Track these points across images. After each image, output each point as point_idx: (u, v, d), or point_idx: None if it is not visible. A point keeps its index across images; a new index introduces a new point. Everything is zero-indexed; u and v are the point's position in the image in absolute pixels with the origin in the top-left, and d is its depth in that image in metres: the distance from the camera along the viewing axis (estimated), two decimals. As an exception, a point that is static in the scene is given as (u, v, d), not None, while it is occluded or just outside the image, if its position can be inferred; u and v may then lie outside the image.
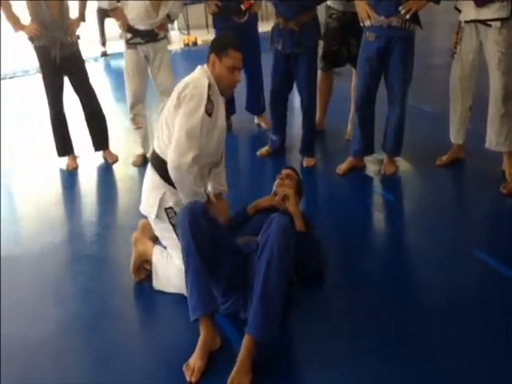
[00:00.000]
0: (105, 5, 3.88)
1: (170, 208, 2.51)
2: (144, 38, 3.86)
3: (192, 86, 2.41)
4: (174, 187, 2.49)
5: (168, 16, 3.92)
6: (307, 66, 3.68)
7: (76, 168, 4.17)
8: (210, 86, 2.43)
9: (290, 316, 2.35)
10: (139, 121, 4.10)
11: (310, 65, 3.70)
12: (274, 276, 2.07)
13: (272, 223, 2.15)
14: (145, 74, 4.02)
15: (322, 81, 4.27)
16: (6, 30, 3.95)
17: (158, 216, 2.53)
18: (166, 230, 2.55)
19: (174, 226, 2.50)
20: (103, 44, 8.12)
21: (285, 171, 2.97)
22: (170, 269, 2.57)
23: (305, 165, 3.89)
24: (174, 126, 2.41)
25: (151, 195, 2.56)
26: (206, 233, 2.19)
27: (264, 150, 4.12)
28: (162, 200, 2.51)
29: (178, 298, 2.50)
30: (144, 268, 2.73)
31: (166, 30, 4.04)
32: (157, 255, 2.63)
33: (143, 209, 2.64)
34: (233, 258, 2.31)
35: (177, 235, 2.50)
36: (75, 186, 3.99)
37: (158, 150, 2.53)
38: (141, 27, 3.82)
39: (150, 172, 2.59)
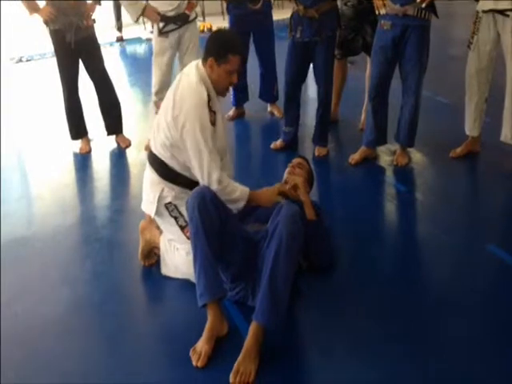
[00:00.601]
0: (134, 17, 3.84)
1: (169, 203, 2.53)
2: (177, 22, 3.83)
3: (191, 100, 2.34)
4: (172, 182, 2.52)
5: None
6: (325, 56, 3.64)
7: (89, 151, 4.19)
8: (208, 94, 2.39)
9: (297, 304, 2.36)
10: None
11: (328, 54, 3.66)
12: (282, 264, 2.08)
13: (281, 211, 2.15)
14: (173, 59, 4.01)
15: (336, 70, 4.22)
16: (22, 12, 3.94)
17: (158, 213, 2.56)
18: (168, 223, 2.57)
19: (175, 218, 2.53)
20: (119, 29, 8.10)
21: (296, 160, 2.96)
22: (177, 258, 2.59)
23: (317, 154, 3.87)
24: (171, 135, 2.39)
25: (150, 193, 2.58)
26: (214, 218, 2.19)
27: (278, 142, 4.04)
28: (160, 197, 2.53)
29: (186, 282, 2.52)
30: (154, 253, 2.75)
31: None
32: (164, 243, 2.65)
33: (144, 206, 2.66)
34: (241, 245, 2.32)
35: (179, 227, 2.53)
36: (88, 170, 4.01)
37: (154, 150, 2.55)
38: (171, 13, 3.79)
39: (148, 170, 2.61)
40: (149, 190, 2.60)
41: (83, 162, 4.09)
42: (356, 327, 2.27)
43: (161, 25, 3.82)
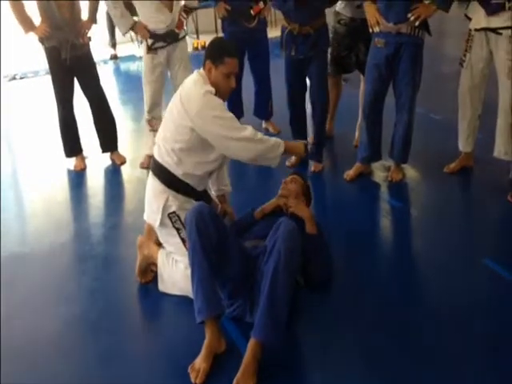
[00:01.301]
0: (123, 30, 3.90)
1: (173, 213, 2.55)
2: (166, 40, 3.85)
3: (199, 94, 2.41)
4: (176, 191, 2.55)
5: (185, 8, 3.91)
6: (320, 70, 3.67)
7: (84, 169, 4.19)
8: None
9: (295, 320, 2.35)
10: (155, 123, 4.09)
11: (322, 69, 3.70)
12: (280, 280, 2.08)
13: (279, 227, 2.16)
14: (163, 77, 4.02)
15: (330, 87, 4.26)
16: (17, 30, 3.94)
17: (161, 223, 2.56)
18: (170, 235, 2.57)
19: (177, 229, 2.54)
20: (113, 46, 8.13)
21: (290, 176, 2.98)
22: (175, 272, 2.58)
23: (312, 169, 3.87)
24: (182, 136, 2.46)
25: (154, 202, 2.59)
26: (212, 234, 2.19)
27: (293, 159, 3.97)
28: (165, 206, 2.55)
29: (183, 299, 2.51)
30: (151, 270, 2.73)
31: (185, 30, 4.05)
32: (162, 259, 2.64)
33: (147, 217, 2.67)
34: (239, 261, 2.32)
35: (181, 239, 2.53)
36: (82, 187, 3.99)
37: (159, 159, 2.57)
38: (161, 31, 3.81)
39: (152, 180, 2.63)
40: (152, 200, 2.61)
41: (78, 179, 4.09)
42: (354, 342, 2.27)
43: (149, 41, 3.85)
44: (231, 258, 2.29)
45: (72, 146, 4.19)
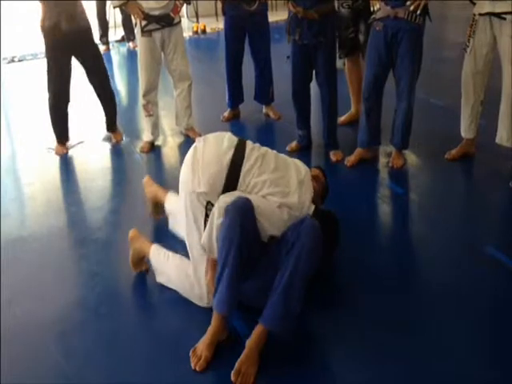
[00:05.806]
0: (116, 3, 3.86)
1: (212, 204, 2.25)
2: (160, 22, 3.80)
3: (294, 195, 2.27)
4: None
5: None
6: (327, 58, 3.61)
7: (66, 153, 4.14)
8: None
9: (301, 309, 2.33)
10: (151, 108, 4.07)
11: (329, 56, 3.63)
12: (299, 273, 2.05)
13: (304, 222, 2.13)
14: (159, 61, 3.98)
15: (349, 70, 4.26)
16: (17, 13, 3.90)
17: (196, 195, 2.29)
18: (198, 209, 2.28)
19: (206, 215, 2.26)
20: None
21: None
22: (169, 269, 2.51)
23: (334, 159, 3.78)
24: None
25: (209, 172, 2.28)
26: (251, 232, 2.12)
27: (293, 145, 3.95)
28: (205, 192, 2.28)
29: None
30: (144, 261, 2.67)
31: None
32: (155, 257, 2.56)
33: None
34: (260, 255, 2.24)
35: (204, 225, 2.28)
36: (82, 171, 3.98)
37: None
38: (155, 12, 3.77)
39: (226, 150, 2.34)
40: (211, 165, 2.29)
41: (77, 162, 4.07)
42: (358, 332, 2.25)
43: (143, 23, 3.80)
44: (255, 254, 2.20)
45: (60, 134, 4.16)
